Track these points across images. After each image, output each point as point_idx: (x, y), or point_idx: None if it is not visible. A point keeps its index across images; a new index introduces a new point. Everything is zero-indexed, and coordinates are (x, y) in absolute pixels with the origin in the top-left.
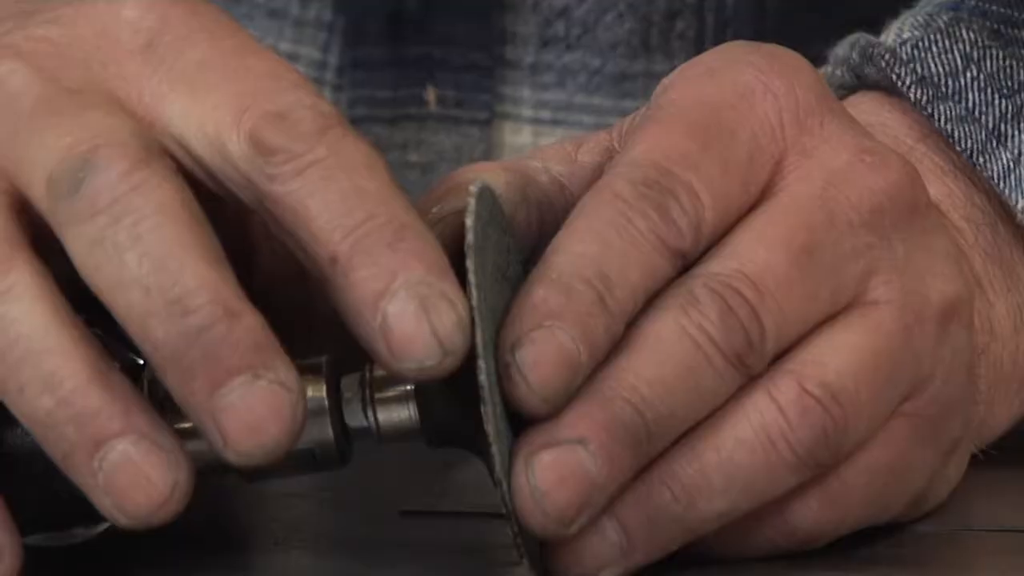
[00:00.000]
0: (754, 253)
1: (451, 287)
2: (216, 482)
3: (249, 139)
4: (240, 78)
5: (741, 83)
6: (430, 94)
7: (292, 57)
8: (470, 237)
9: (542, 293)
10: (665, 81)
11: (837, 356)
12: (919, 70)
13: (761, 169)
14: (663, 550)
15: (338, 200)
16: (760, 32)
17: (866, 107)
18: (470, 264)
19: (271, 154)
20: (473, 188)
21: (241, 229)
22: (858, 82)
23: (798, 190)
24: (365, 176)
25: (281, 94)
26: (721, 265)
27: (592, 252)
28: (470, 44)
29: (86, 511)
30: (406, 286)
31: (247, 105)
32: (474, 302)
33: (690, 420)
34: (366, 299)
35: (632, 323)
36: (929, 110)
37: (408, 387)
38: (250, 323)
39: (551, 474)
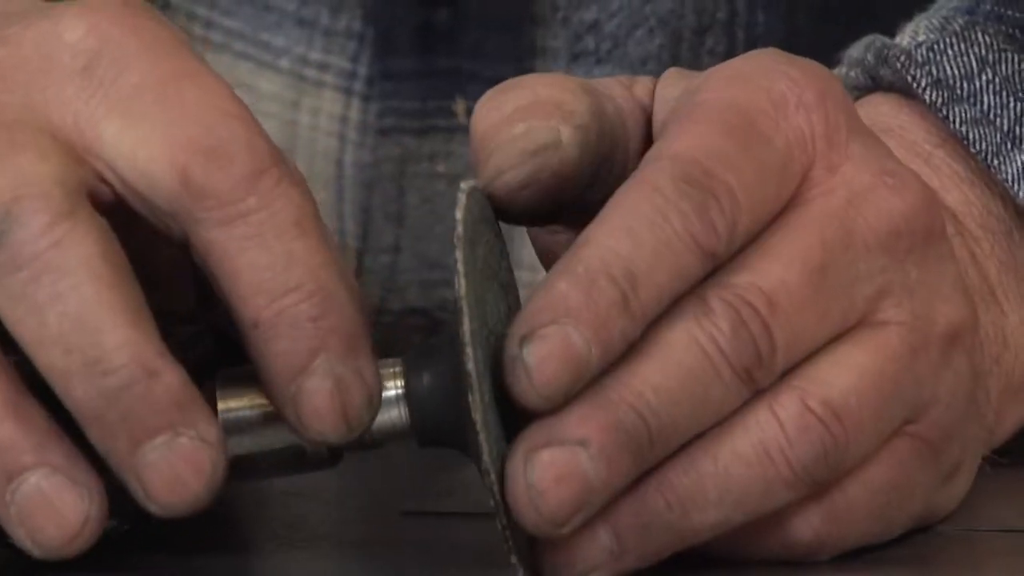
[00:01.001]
0: (770, 268)
1: (366, 364)
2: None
3: (179, 177)
4: (174, 106)
5: (776, 91)
6: (459, 106)
7: (322, 67)
8: (460, 229)
9: (564, 287)
10: (696, 82)
11: (842, 374)
12: (934, 72)
13: (791, 179)
14: (654, 557)
15: (265, 264)
16: (790, 49)
17: (885, 109)
18: (459, 255)
19: (200, 197)
20: (464, 186)
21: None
22: (872, 84)
23: (820, 207)
24: (294, 235)
25: (215, 127)
26: (737, 277)
27: (622, 249)
28: (500, 57)
29: None
30: (324, 365)
31: (179, 138)
32: (462, 292)
33: (693, 430)
34: (284, 371)
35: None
36: (944, 112)
37: (399, 389)
38: (169, 381)
39: (549, 473)
